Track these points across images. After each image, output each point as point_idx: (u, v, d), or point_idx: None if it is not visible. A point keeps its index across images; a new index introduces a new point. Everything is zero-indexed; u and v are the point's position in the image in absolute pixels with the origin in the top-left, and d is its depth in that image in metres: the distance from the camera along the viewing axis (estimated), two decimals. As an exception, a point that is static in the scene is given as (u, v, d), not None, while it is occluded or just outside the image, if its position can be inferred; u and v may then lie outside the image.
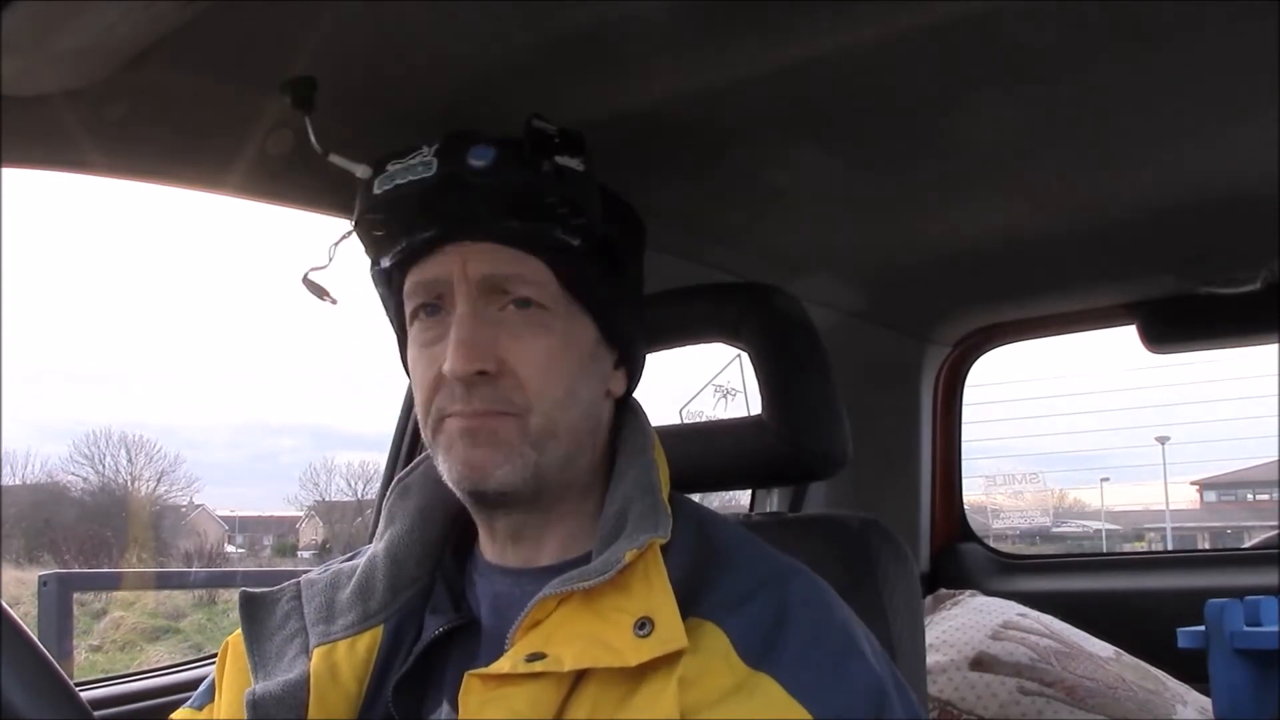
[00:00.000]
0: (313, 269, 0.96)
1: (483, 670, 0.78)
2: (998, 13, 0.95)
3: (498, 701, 0.76)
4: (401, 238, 0.86)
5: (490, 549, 0.91)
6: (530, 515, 0.87)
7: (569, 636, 0.78)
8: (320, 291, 1.00)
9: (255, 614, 0.91)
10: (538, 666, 0.76)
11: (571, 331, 0.87)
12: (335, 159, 0.90)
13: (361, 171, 0.89)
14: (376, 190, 0.87)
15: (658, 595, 0.79)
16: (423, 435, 0.88)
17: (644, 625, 0.77)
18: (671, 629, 0.77)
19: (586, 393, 0.88)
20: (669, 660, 0.76)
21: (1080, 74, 1.07)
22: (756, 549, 0.88)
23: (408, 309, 0.88)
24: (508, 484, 0.83)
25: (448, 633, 0.86)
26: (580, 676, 0.77)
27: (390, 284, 0.90)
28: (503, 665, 0.78)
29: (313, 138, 0.92)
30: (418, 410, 0.87)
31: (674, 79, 1.06)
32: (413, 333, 0.88)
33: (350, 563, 0.94)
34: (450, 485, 0.86)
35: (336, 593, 0.90)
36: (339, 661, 0.85)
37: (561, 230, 0.86)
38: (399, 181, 0.85)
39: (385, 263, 0.88)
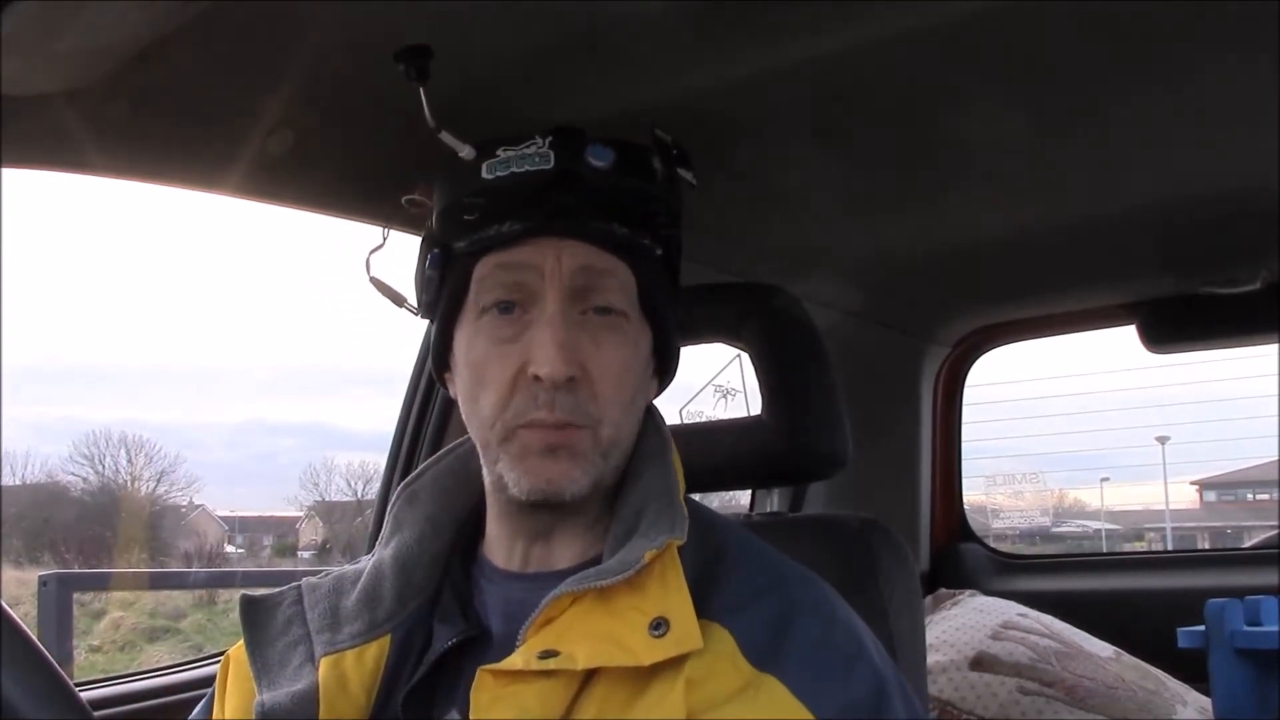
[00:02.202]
0: (372, 250, 0.94)
1: (494, 666, 0.77)
2: (998, 13, 0.95)
3: (509, 699, 0.76)
4: (494, 224, 0.84)
5: (505, 555, 0.90)
6: (564, 520, 0.87)
7: (582, 635, 0.77)
8: (398, 298, 0.99)
9: (256, 619, 0.90)
10: (550, 664, 0.76)
11: (639, 343, 0.87)
12: (445, 136, 0.89)
13: (467, 153, 0.87)
14: (486, 174, 0.85)
15: (673, 596, 0.79)
16: (480, 434, 0.86)
17: (659, 626, 0.76)
18: (687, 630, 0.76)
19: (641, 401, 0.89)
20: (677, 662, 0.76)
21: (1080, 74, 1.07)
22: (760, 551, 0.88)
23: (478, 299, 0.85)
24: (580, 494, 0.83)
25: (457, 643, 0.85)
26: (589, 676, 0.77)
27: (451, 269, 0.87)
28: (515, 661, 0.77)
29: (427, 111, 0.90)
30: (484, 409, 0.84)
31: (674, 79, 1.06)
32: (482, 325, 0.85)
33: (354, 567, 0.93)
34: (513, 491, 0.84)
35: (341, 599, 0.89)
36: (347, 671, 0.84)
37: (650, 238, 0.86)
38: (514, 169, 0.85)
39: (461, 246, 0.86)
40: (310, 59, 0.95)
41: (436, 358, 0.91)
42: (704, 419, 1.70)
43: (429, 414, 1.69)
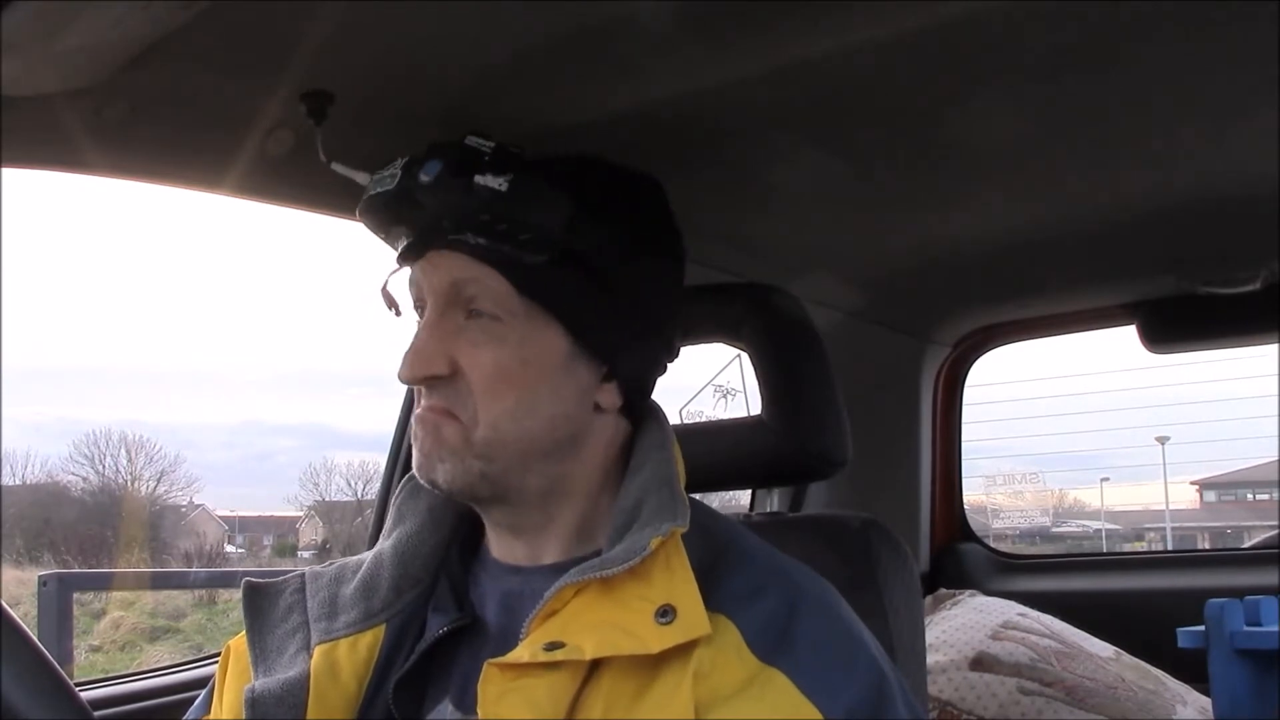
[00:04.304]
0: (391, 273, 0.97)
1: (501, 659, 0.77)
2: (998, 13, 0.95)
3: (517, 692, 0.76)
4: (392, 242, 0.91)
5: (497, 546, 0.91)
6: (520, 513, 0.88)
7: (587, 625, 0.78)
8: (392, 302, 1.02)
9: (258, 605, 0.91)
10: (558, 655, 0.76)
11: (531, 343, 0.86)
12: (337, 167, 0.93)
13: (362, 179, 0.92)
14: (363, 198, 0.91)
15: (679, 583, 0.79)
16: None
17: (666, 613, 0.77)
18: (695, 616, 0.77)
19: (551, 405, 0.86)
20: (684, 652, 0.76)
21: (1080, 74, 1.07)
22: (759, 546, 0.89)
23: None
24: (450, 482, 0.86)
25: (450, 632, 0.86)
26: (595, 668, 0.77)
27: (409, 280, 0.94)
28: (521, 654, 0.77)
29: (320, 147, 0.95)
30: None
31: (674, 79, 1.06)
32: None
33: (357, 558, 0.94)
34: None
35: (340, 588, 0.90)
36: (340, 660, 0.84)
37: (513, 245, 0.85)
38: (371, 192, 0.90)
39: (398, 263, 0.91)
40: (310, 60, 0.96)
41: None
42: (704, 419, 1.70)
43: (429, 414, 1.69)
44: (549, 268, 0.86)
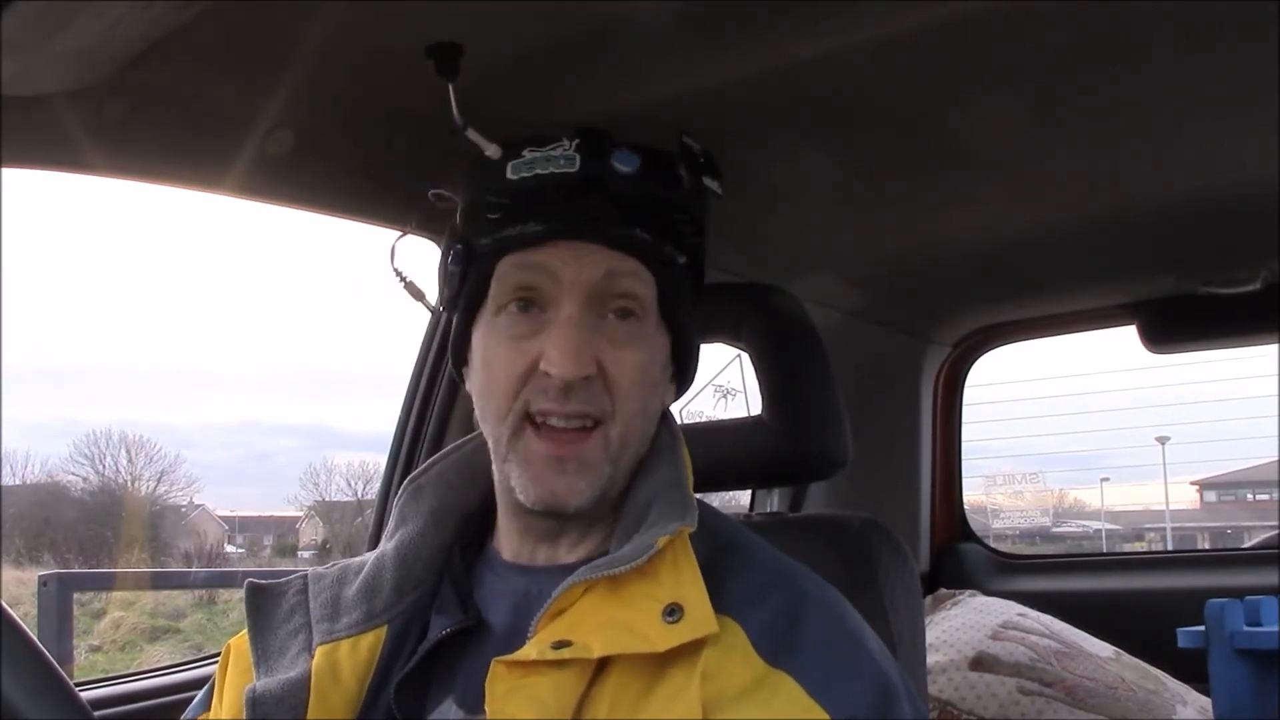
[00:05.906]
0: (398, 238, 0.94)
1: (508, 657, 0.77)
2: (998, 14, 0.95)
3: (523, 690, 0.76)
4: (517, 225, 0.85)
5: (513, 549, 0.90)
6: (580, 518, 0.87)
7: (595, 624, 0.78)
8: (417, 293, 1.00)
9: (261, 605, 0.90)
10: (566, 653, 0.76)
11: (656, 346, 0.87)
12: (472, 134, 0.89)
13: (493, 151, 0.88)
14: (511, 175, 0.86)
15: (687, 582, 0.79)
16: (491, 430, 0.87)
17: (673, 612, 0.77)
18: (702, 614, 0.77)
19: (656, 405, 0.89)
20: (691, 652, 0.76)
21: (1080, 74, 1.07)
22: (763, 548, 0.89)
23: (497, 297, 0.86)
24: (585, 506, 0.84)
25: (454, 633, 0.86)
26: (602, 667, 0.77)
27: (474, 265, 0.88)
28: (529, 652, 0.77)
29: (454, 108, 0.91)
30: (495, 401, 0.85)
31: (674, 79, 1.06)
32: (499, 323, 0.86)
33: (359, 559, 0.94)
34: (519, 496, 0.85)
35: (343, 589, 0.90)
36: (341, 660, 0.84)
37: (674, 246, 0.87)
38: (539, 171, 0.85)
39: (483, 244, 0.87)
40: (310, 59, 0.96)
41: (455, 352, 0.92)
42: (704, 419, 1.70)
43: (429, 414, 1.69)
44: (681, 272, 0.88)
